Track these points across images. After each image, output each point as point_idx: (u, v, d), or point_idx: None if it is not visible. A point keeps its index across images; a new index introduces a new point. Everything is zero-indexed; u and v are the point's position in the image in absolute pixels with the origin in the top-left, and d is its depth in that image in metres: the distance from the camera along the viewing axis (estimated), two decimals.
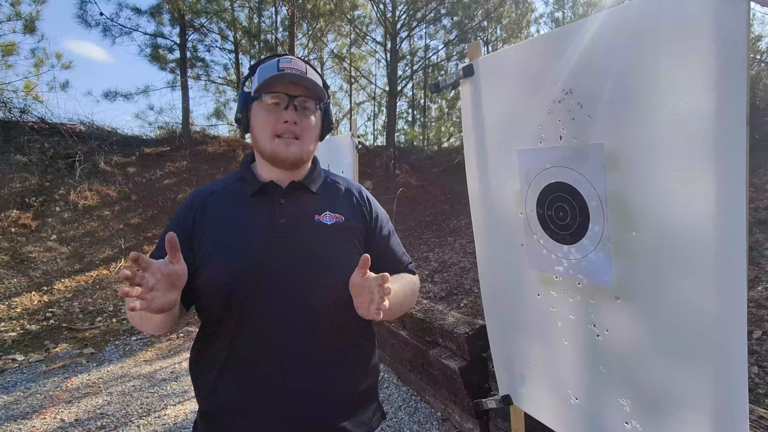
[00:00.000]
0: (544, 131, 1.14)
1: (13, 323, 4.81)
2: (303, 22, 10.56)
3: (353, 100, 14.54)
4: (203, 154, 9.37)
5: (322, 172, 1.14)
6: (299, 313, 0.96)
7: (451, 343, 2.86)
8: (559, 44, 1.06)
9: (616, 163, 0.98)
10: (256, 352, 0.96)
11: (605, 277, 1.05)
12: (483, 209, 1.41)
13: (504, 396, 1.48)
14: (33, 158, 7.24)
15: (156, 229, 7.08)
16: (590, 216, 1.06)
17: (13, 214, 6.43)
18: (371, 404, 1.10)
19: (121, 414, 3.11)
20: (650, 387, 1.01)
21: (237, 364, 0.97)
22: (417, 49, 12.68)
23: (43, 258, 5.98)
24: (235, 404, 0.96)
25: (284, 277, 0.95)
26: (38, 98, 8.61)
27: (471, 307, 4.45)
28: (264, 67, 1.02)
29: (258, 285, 0.95)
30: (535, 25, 12.11)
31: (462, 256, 6.21)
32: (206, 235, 0.99)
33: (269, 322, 0.95)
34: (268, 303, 0.95)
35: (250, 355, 0.96)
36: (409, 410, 3.09)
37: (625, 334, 1.03)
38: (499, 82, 1.25)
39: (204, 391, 1.01)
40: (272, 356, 0.95)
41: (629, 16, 0.91)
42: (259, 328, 0.95)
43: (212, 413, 0.99)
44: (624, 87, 0.94)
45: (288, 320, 0.96)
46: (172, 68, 9.73)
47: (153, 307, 0.78)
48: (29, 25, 8.29)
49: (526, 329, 1.34)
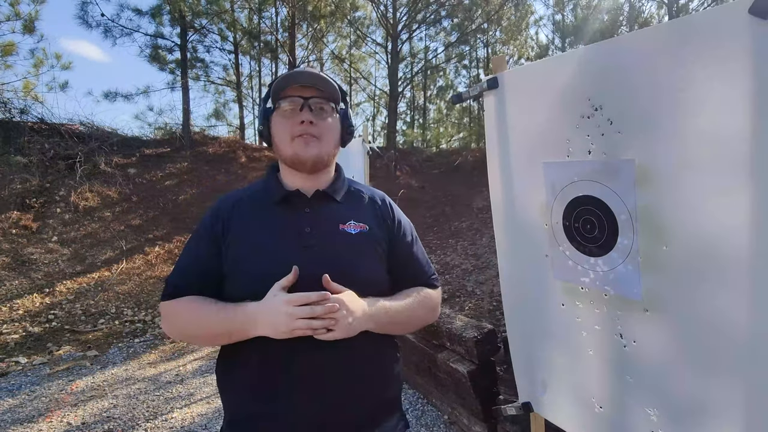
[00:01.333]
0: (572, 145, 1.15)
1: (15, 325, 4.79)
2: (303, 23, 10.56)
3: (353, 101, 14.56)
4: (204, 155, 9.35)
5: (346, 181, 1.15)
6: None
7: (460, 347, 2.88)
8: (589, 61, 1.08)
9: (646, 178, 1.00)
10: (282, 361, 0.96)
11: (634, 290, 1.07)
12: (506, 219, 1.42)
13: (524, 403, 1.50)
14: (33, 159, 7.21)
15: (157, 231, 7.06)
16: (619, 229, 1.08)
17: (13, 215, 6.39)
18: (395, 414, 1.11)
19: (128, 417, 3.10)
20: (679, 397, 1.03)
21: (263, 374, 0.97)
22: (418, 51, 12.73)
23: (44, 259, 5.95)
24: (262, 414, 0.97)
25: (310, 286, 0.96)
26: (38, 98, 8.57)
27: (476, 310, 4.47)
28: (278, 80, 1.04)
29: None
30: (535, 27, 12.19)
31: (464, 258, 6.23)
32: (234, 243, 1.01)
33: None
34: None
35: (277, 365, 0.97)
36: (416, 413, 3.11)
37: (654, 345, 1.05)
38: (525, 96, 1.27)
39: (230, 401, 1.02)
40: (299, 366, 0.96)
41: (666, 35, 0.93)
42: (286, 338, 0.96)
43: (239, 423, 1.00)
44: (657, 105, 0.96)
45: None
46: (172, 69, 9.72)
47: None
48: (28, 25, 8.24)
49: (549, 338, 1.36)
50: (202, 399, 3.35)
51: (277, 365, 0.97)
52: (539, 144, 1.25)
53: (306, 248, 0.99)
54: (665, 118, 0.95)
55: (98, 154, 7.84)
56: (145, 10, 9.19)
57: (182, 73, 9.58)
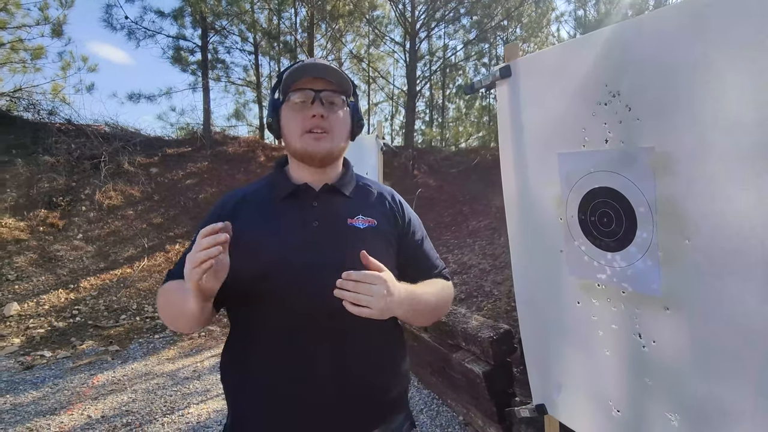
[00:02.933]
0: (588, 134, 1.10)
1: (42, 320, 4.93)
2: (322, 23, 10.61)
3: (371, 100, 14.56)
4: (224, 154, 9.47)
5: (354, 176, 1.13)
6: (330, 317, 0.95)
7: (475, 347, 2.83)
8: (606, 44, 1.02)
9: (667, 167, 0.94)
10: (285, 356, 0.95)
11: (653, 286, 1.01)
12: (519, 214, 1.37)
13: (538, 405, 1.44)
14: (60, 159, 7.42)
15: (178, 229, 7.19)
16: (638, 222, 1.02)
17: (41, 213, 6.60)
18: (401, 413, 1.08)
19: (146, 411, 3.15)
20: (702, 402, 0.96)
21: (266, 369, 0.96)
22: (436, 50, 12.63)
23: (70, 256, 6.12)
24: (264, 409, 0.96)
25: (316, 280, 0.94)
26: (65, 100, 8.84)
27: (492, 310, 4.40)
28: (288, 71, 1.01)
29: (290, 287, 0.94)
30: (557, 23, 11.95)
31: (481, 257, 6.15)
32: (238, 238, 0.99)
33: (299, 326, 0.95)
34: (299, 307, 0.94)
35: (280, 359, 0.95)
36: (431, 413, 3.06)
37: (675, 346, 0.99)
38: (538, 84, 1.22)
39: (233, 396, 1.02)
40: (302, 360, 0.94)
41: (690, 14, 0.86)
42: (289, 332, 0.95)
43: (242, 417, 0.99)
44: (679, 88, 0.90)
45: (319, 325, 0.95)
46: (194, 70, 9.86)
47: (207, 283, 0.81)
48: (57, 29, 8.49)
49: (563, 337, 1.31)
50: (217, 395, 3.38)
51: (280, 361, 0.95)
52: (554, 134, 1.20)
53: (313, 242, 0.98)
54: (688, 102, 0.89)
55: (122, 153, 8.03)
56: (168, 12, 9.36)
57: (203, 73, 9.72)
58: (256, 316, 0.97)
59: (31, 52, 8.46)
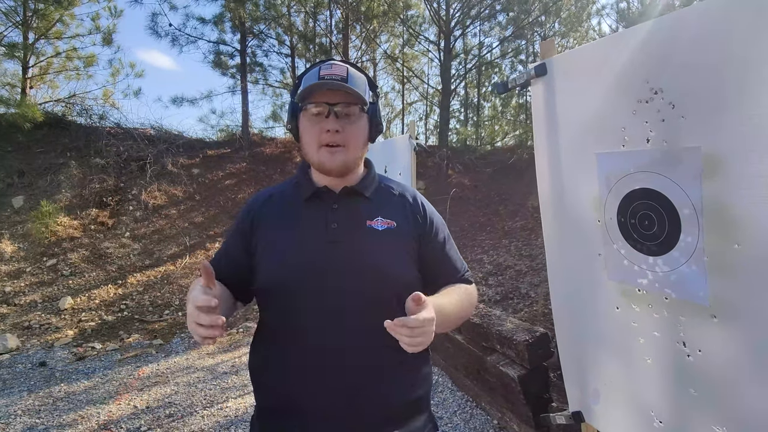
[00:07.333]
0: (628, 134, 1.06)
1: (92, 314, 5.22)
2: (356, 24, 10.67)
3: (405, 100, 14.53)
4: (261, 155, 9.71)
5: (376, 177, 1.13)
6: (350, 318, 0.96)
7: (510, 350, 2.77)
8: (647, 39, 0.98)
9: (715, 168, 0.89)
10: (307, 355, 0.97)
11: (699, 293, 0.96)
12: (555, 216, 1.33)
13: (575, 412, 1.40)
14: (110, 161, 7.83)
15: (217, 228, 7.43)
16: (681, 226, 0.97)
17: (92, 212, 6.98)
18: (423, 414, 1.07)
19: (187, 404, 3.27)
20: (752, 416, 0.90)
21: (289, 366, 0.98)
22: (471, 48, 12.45)
23: (118, 253, 6.44)
24: (286, 406, 0.98)
25: (336, 282, 0.96)
26: (115, 105, 9.31)
27: (528, 312, 4.30)
28: (307, 76, 1.01)
29: (310, 289, 0.96)
30: (597, 17, 11.52)
31: (518, 258, 6.02)
32: (262, 238, 1.04)
33: (320, 326, 0.96)
34: (319, 308, 0.96)
35: (302, 358, 0.97)
36: (464, 416, 3.03)
37: (723, 356, 0.94)
38: (576, 82, 1.18)
39: (259, 391, 1.05)
40: (323, 360, 0.96)
41: (741, 3, 0.82)
42: (311, 331, 0.97)
43: (267, 412, 1.03)
44: (728, 84, 0.84)
45: (339, 325, 0.96)
46: (233, 73, 10.14)
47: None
48: (107, 37, 8.96)
49: (602, 343, 1.26)
50: None
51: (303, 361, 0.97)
52: (592, 133, 1.16)
53: (332, 243, 0.99)
54: (738, 99, 0.84)
55: (166, 155, 8.37)
56: (209, 18, 9.67)
57: (242, 77, 9.99)
58: (276, 314, 1.00)
59: (83, 60, 8.96)
